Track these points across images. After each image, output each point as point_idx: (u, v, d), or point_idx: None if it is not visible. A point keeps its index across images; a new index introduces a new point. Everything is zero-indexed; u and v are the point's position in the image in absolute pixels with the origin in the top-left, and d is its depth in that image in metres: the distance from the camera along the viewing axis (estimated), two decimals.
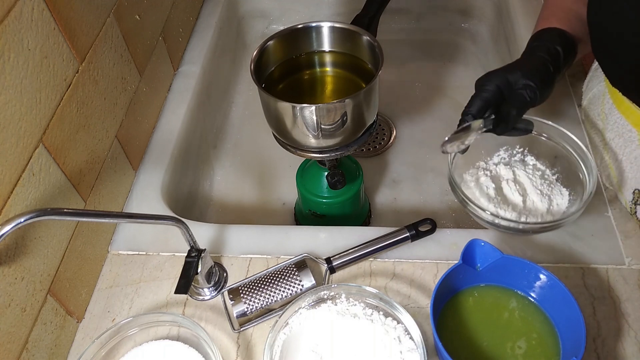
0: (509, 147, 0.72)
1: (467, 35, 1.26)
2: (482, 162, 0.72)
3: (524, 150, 0.72)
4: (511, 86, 0.62)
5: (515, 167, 0.70)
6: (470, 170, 0.71)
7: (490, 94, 0.62)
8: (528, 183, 0.68)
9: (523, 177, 0.68)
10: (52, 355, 0.60)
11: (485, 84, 0.62)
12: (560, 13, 0.69)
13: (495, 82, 0.62)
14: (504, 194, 0.67)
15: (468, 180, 0.70)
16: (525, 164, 0.71)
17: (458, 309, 0.61)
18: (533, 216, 0.65)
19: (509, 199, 0.66)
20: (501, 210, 0.65)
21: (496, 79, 0.62)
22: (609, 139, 0.71)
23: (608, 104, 0.70)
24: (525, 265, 0.59)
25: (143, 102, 0.82)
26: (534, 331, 0.59)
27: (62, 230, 0.61)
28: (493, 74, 0.63)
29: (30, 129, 0.54)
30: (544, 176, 0.69)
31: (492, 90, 0.62)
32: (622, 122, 0.68)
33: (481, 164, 0.72)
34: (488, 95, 0.62)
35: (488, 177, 0.69)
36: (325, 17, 1.23)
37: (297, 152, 0.71)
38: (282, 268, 0.66)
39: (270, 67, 0.73)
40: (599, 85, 0.74)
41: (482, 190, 0.67)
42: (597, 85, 0.75)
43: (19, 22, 0.52)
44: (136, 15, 0.79)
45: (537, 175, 0.69)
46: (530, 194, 0.67)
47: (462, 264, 0.59)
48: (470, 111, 0.62)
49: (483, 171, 0.70)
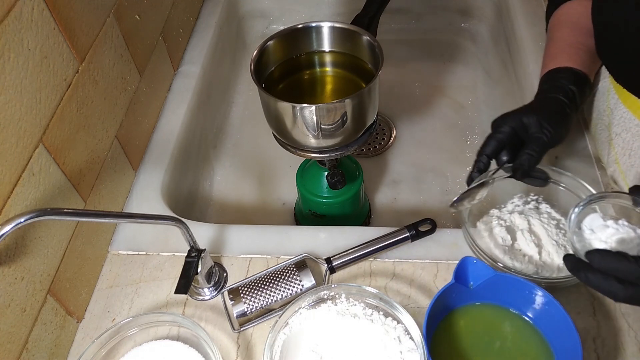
0: (523, 195, 0.71)
1: (467, 35, 1.26)
2: (495, 209, 0.71)
3: (538, 197, 0.71)
4: (527, 128, 0.63)
5: (530, 216, 0.68)
6: (484, 218, 0.70)
7: (505, 135, 0.63)
8: (543, 233, 0.65)
9: (538, 226, 0.66)
10: (52, 355, 0.60)
11: (500, 125, 0.63)
12: (568, 49, 0.69)
13: (510, 124, 0.63)
14: (519, 245, 0.66)
15: (482, 229, 0.68)
16: (539, 212, 0.69)
17: (451, 328, 0.59)
18: (549, 268, 0.63)
19: (524, 250, 0.65)
20: (517, 262, 0.64)
21: (511, 121, 0.63)
22: (615, 134, 0.71)
23: (613, 99, 0.70)
24: (519, 283, 0.58)
25: (143, 102, 0.82)
26: (529, 351, 0.57)
27: (62, 230, 0.61)
28: (508, 115, 0.64)
29: (30, 129, 0.54)
30: (559, 225, 0.67)
31: (507, 132, 0.63)
32: (629, 116, 0.67)
33: (495, 211, 0.70)
34: (502, 137, 0.63)
35: (503, 228, 0.67)
36: (325, 17, 1.23)
37: (297, 152, 0.71)
38: (282, 268, 0.66)
39: (270, 67, 0.73)
40: (604, 81, 0.74)
41: (497, 242, 0.66)
42: (601, 81, 0.75)
43: (19, 22, 0.52)
44: (136, 15, 0.79)
45: (552, 224, 0.67)
46: (546, 245, 0.65)
47: (455, 282, 0.58)
48: (485, 152, 0.63)
49: (497, 220, 0.68)
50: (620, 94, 0.68)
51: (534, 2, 1.05)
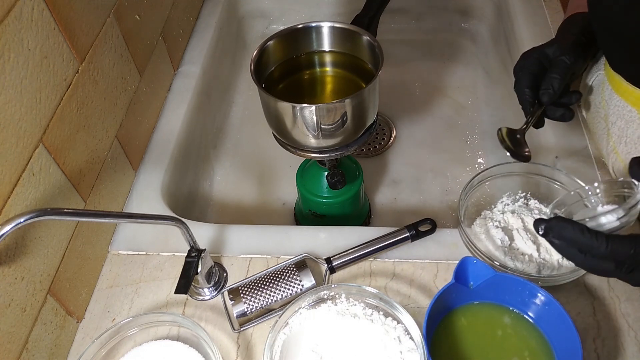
0: (511, 193, 0.72)
1: (467, 35, 1.26)
2: (487, 210, 0.71)
3: (526, 194, 0.72)
4: (549, 57, 0.67)
5: (522, 214, 0.69)
6: (478, 221, 0.70)
7: (534, 66, 0.66)
8: None
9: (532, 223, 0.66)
10: (52, 355, 0.60)
11: (526, 60, 0.67)
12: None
13: (534, 56, 0.67)
14: (517, 245, 0.66)
15: (478, 232, 0.68)
16: (530, 208, 0.70)
17: (451, 328, 0.59)
18: (550, 266, 0.64)
19: (522, 249, 0.65)
20: (518, 263, 0.64)
21: (535, 53, 0.67)
22: (611, 123, 0.72)
23: (607, 90, 0.71)
24: (519, 283, 0.58)
25: (143, 102, 0.82)
26: (529, 350, 0.57)
27: (62, 230, 0.61)
28: (530, 51, 0.68)
29: (30, 129, 0.54)
30: None
31: (534, 62, 0.66)
32: (622, 104, 0.69)
33: (487, 212, 0.71)
34: (532, 67, 0.66)
35: (499, 229, 0.67)
36: (325, 17, 1.23)
37: (297, 152, 0.71)
38: (282, 268, 0.66)
39: (270, 67, 0.73)
40: (598, 75, 0.75)
41: (495, 244, 0.66)
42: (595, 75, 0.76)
43: (19, 22, 0.52)
44: (136, 15, 0.79)
45: None
46: (543, 242, 0.65)
47: (455, 282, 0.58)
48: (523, 85, 0.66)
49: (491, 221, 0.69)
50: (614, 85, 0.70)
51: (534, 2, 1.05)
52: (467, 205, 0.70)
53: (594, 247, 0.49)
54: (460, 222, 0.67)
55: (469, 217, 0.71)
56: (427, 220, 0.70)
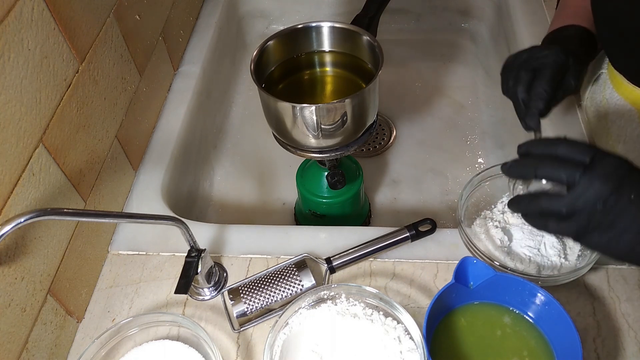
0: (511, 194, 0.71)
1: (467, 35, 1.26)
2: (487, 210, 0.71)
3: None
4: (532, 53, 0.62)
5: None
6: (478, 221, 0.70)
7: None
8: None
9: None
10: (52, 355, 0.60)
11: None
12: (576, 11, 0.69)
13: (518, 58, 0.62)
14: (517, 245, 0.66)
15: (478, 232, 0.68)
16: None
17: (451, 328, 0.59)
18: (550, 265, 0.64)
19: (523, 249, 0.65)
20: (519, 263, 0.64)
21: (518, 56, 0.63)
22: (611, 122, 0.72)
23: (608, 89, 0.72)
24: (519, 283, 0.58)
25: (143, 102, 0.82)
26: (529, 350, 0.57)
27: (62, 230, 0.61)
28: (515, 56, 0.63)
29: (30, 129, 0.54)
30: None
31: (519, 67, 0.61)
32: (622, 102, 0.69)
33: (487, 212, 0.71)
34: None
35: (499, 229, 0.67)
36: (325, 17, 1.23)
37: (297, 152, 0.71)
38: (282, 268, 0.66)
39: (270, 67, 0.73)
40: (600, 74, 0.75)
41: (495, 243, 0.66)
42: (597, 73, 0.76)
43: (19, 22, 0.52)
44: (136, 15, 0.79)
45: None
46: (543, 241, 0.65)
47: (455, 282, 0.58)
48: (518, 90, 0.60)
49: (491, 221, 0.69)
50: (615, 84, 0.70)
51: (534, 2, 1.05)
52: (467, 205, 0.70)
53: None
54: (460, 222, 0.67)
55: (469, 217, 0.71)
56: (427, 220, 0.70)
